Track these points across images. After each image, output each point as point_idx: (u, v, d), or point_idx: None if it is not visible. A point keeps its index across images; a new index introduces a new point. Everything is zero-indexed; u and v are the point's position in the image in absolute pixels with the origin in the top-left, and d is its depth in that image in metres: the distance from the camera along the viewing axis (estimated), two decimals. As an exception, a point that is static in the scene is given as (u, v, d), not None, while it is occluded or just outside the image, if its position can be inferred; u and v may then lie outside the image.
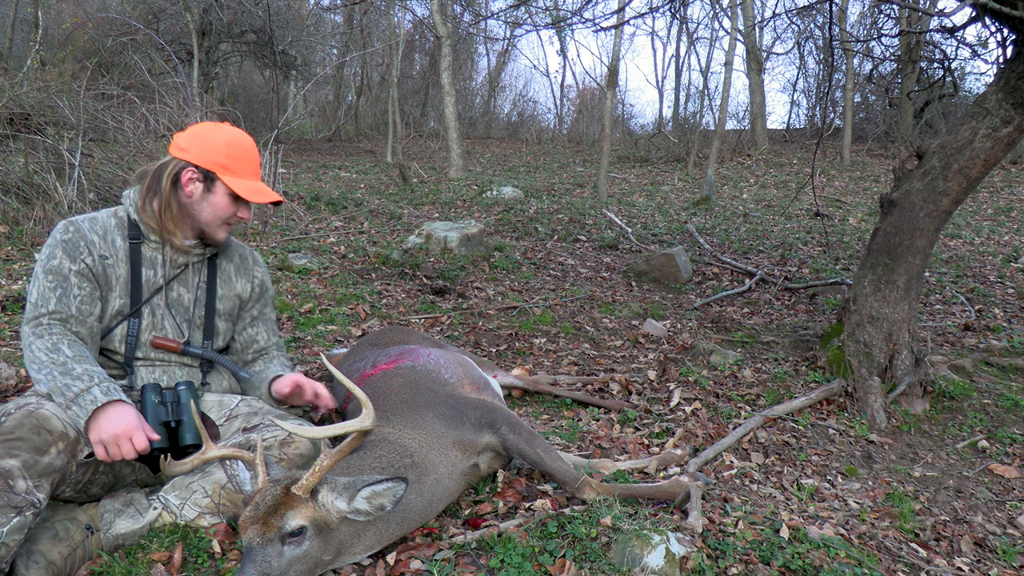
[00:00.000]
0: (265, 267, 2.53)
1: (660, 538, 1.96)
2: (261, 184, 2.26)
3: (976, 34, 24.11)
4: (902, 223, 3.59)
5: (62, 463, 1.85)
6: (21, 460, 1.77)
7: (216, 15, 12.66)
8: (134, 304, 2.18)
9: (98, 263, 2.13)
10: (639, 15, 4.79)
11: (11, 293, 4.23)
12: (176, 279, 2.25)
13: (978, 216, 9.96)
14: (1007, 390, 3.75)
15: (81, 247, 2.11)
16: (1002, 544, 2.44)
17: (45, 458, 1.81)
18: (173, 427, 2.10)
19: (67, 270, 2.09)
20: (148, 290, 2.20)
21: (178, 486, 2.05)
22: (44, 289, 2.07)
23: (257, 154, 2.28)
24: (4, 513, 1.72)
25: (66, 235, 2.12)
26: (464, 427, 2.34)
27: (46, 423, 1.85)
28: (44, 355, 1.98)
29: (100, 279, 2.13)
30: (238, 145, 2.22)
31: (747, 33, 17.07)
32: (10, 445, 1.78)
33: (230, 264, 2.40)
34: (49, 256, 2.10)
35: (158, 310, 2.21)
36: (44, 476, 1.81)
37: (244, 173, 2.21)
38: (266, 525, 1.75)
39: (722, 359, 4.02)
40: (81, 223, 2.15)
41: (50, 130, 6.19)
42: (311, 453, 2.15)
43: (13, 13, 11.03)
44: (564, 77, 37.51)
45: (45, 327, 2.04)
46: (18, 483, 1.76)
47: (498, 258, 6.39)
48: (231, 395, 2.35)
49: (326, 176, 12.91)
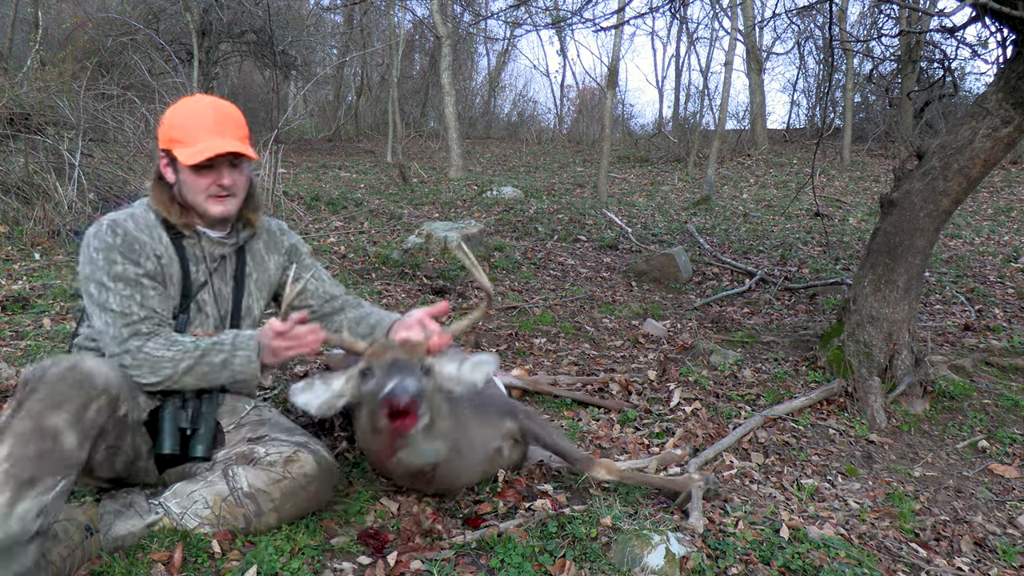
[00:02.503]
0: (293, 233, 2.45)
1: (660, 538, 1.96)
2: (214, 140, 2.03)
3: (976, 34, 24.11)
4: (902, 223, 3.59)
5: (103, 420, 1.83)
6: (67, 417, 1.73)
7: (216, 15, 12.65)
8: (184, 302, 2.13)
9: (156, 263, 2.06)
10: (639, 15, 4.80)
11: (11, 293, 4.23)
12: (215, 273, 2.20)
13: (978, 216, 9.96)
14: (1007, 390, 3.75)
15: (136, 249, 2.02)
16: (1002, 544, 2.44)
17: (88, 413, 1.78)
18: (188, 434, 2.09)
19: (135, 274, 2.00)
20: (195, 287, 2.16)
21: (179, 493, 2.03)
22: (121, 299, 1.97)
23: (212, 110, 2.07)
24: (53, 474, 1.68)
25: (115, 238, 2.00)
26: (490, 412, 2.47)
27: (89, 378, 1.81)
28: (167, 351, 1.96)
29: (160, 279, 2.06)
30: (183, 111, 2.06)
31: (747, 33, 17.07)
32: (56, 399, 1.73)
33: (259, 243, 2.32)
34: (108, 262, 1.98)
35: (204, 306, 2.17)
36: (87, 433, 1.78)
37: (193, 138, 2.02)
38: (413, 352, 2.00)
39: (722, 359, 4.02)
40: (125, 223, 2.04)
41: (50, 130, 6.18)
42: (315, 473, 2.11)
43: (13, 13, 11.02)
44: (564, 77, 37.59)
45: (145, 334, 1.97)
46: (66, 439, 1.72)
47: (498, 258, 6.39)
48: (245, 400, 2.32)
49: (326, 176, 12.91)
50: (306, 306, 2.32)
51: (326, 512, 2.20)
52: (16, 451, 1.67)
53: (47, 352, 3.42)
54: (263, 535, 2.03)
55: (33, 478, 1.67)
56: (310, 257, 2.46)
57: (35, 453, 1.68)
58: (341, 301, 2.41)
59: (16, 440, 1.68)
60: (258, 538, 2.01)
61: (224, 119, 2.08)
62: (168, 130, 2.06)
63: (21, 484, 1.65)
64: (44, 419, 1.71)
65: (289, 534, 2.05)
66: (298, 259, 2.40)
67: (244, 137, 2.12)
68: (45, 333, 3.72)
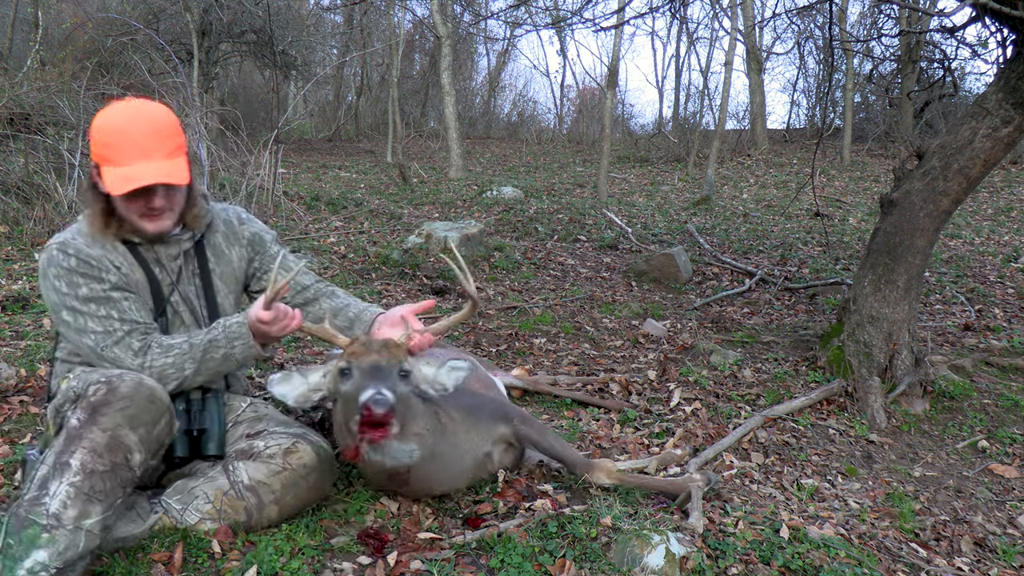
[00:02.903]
0: (255, 221, 2.37)
1: (660, 538, 1.96)
2: (140, 166, 1.89)
3: (976, 34, 24.10)
4: (902, 223, 3.59)
5: (165, 436, 1.88)
6: (140, 435, 1.77)
7: (216, 15, 12.65)
8: (158, 306, 2.12)
9: (118, 273, 2.02)
10: (639, 15, 4.80)
11: (11, 293, 4.23)
12: (180, 272, 2.18)
13: (978, 216, 9.96)
14: (1007, 390, 3.75)
15: (94, 265, 1.97)
16: (1002, 544, 2.44)
17: (155, 431, 1.82)
18: (196, 435, 2.10)
19: (102, 291, 1.96)
20: (166, 289, 2.14)
21: (180, 490, 2.04)
22: (99, 320, 1.95)
23: (141, 125, 1.91)
24: (116, 491, 1.71)
25: (69, 260, 1.95)
26: (482, 417, 2.45)
27: (156, 394, 1.85)
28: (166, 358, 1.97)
29: (128, 287, 2.04)
30: (111, 126, 1.91)
31: (747, 33, 17.06)
32: (131, 417, 1.77)
33: (218, 236, 2.25)
34: (72, 286, 1.94)
35: (178, 307, 2.16)
36: (151, 451, 1.82)
37: (120, 159, 1.89)
38: (391, 355, 2.00)
39: (722, 359, 4.02)
40: (75, 242, 1.99)
41: (50, 130, 6.19)
42: (314, 463, 2.12)
43: (13, 13, 11.02)
44: (564, 77, 37.53)
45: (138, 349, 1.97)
46: (135, 457, 1.76)
47: (498, 258, 6.39)
48: (241, 397, 2.32)
49: (326, 176, 12.90)
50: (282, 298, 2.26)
51: (326, 512, 2.20)
52: (89, 465, 1.70)
53: (47, 352, 3.42)
54: (263, 535, 2.03)
55: (103, 493, 1.70)
56: (276, 244, 2.38)
57: (107, 468, 1.72)
58: (314, 290, 2.36)
59: (89, 454, 1.71)
60: (258, 538, 2.01)
61: (153, 135, 1.92)
62: (97, 144, 1.93)
63: (91, 499, 1.68)
64: (119, 435, 1.75)
65: (289, 534, 2.05)
66: (262, 249, 2.33)
67: (176, 149, 1.97)
68: (45, 333, 3.72)
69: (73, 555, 1.64)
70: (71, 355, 2.13)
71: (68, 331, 2.00)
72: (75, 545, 1.64)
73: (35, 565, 1.59)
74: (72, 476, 1.67)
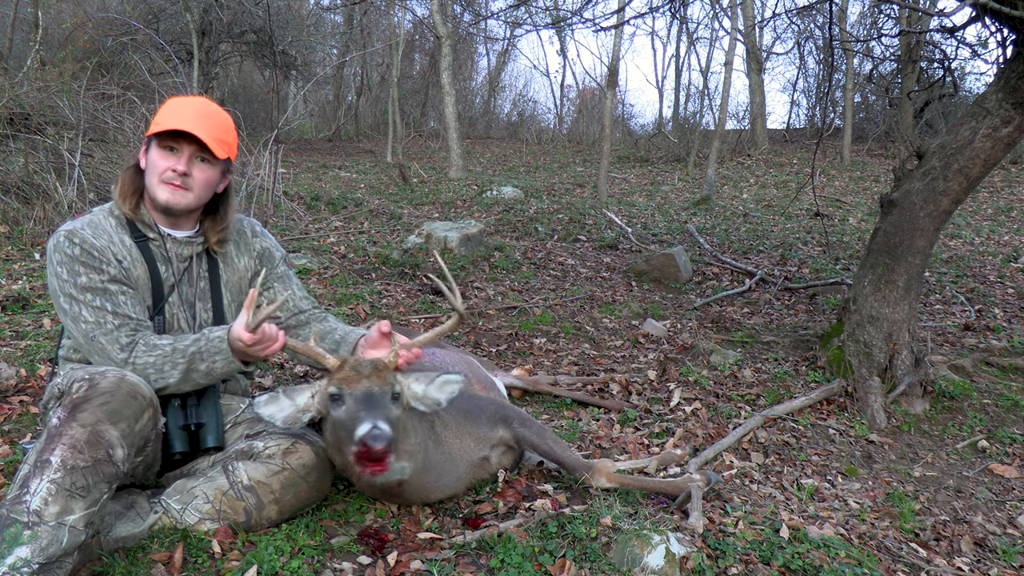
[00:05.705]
0: (268, 236, 2.42)
1: (660, 538, 1.96)
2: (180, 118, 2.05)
3: (976, 34, 24.11)
4: (902, 223, 3.59)
5: (148, 432, 1.88)
6: (121, 429, 1.77)
7: (216, 15, 12.65)
8: (156, 303, 2.13)
9: (119, 267, 2.04)
10: (639, 15, 4.80)
11: (11, 293, 4.23)
12: (185, 273, 2.20)
13: (978, 216, 9.96)
14: (1007, 390, 3.75)
15: (96, 256, 2.00)
16: (1002, 544, 2.44)
17: (138, 426, 1.82)
18: (194, 430, 2.10)
19: (100, 282, 1.99)
20: (166, 288, 2.15)
21: (179, 490, 2.04)
22: (93, 309, 1.97)
23: (200, 106, 2.11)
24: (98, 487, 1.71)
25: (74, 248, 1.99)
26: (480, 421, 2.44)
27: (137, 389, 1.85)
28: (151, 358, 1.97)
29: (126, 281, 2.05)
30: (174, 102, 2.11)
31: (747, 33, 17.06)
32: (112, 412, 1.76)
33: (229, 245, 2.30)
34: (72, 274, 1.98)
35: (175, 307, 2.17)
36: (134, 446, 1.82)
37: (170, 121, 2.04)
38: (381, 380, 1.98)
39: (722, 359, 4.02)
40: (82, 231, 2.03)
41: (50, 130, 6.18)
42: (314, 463, 2.13)
43: (13, 13, 11.01)
44: (564, 77, 37.46)
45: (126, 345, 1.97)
46: (117, 452, 1.75)
47: (498, 258, 6.39)
48: (240, 399, 2.33)
49: (326, 176, 12.90)
50: (274, 318, 2.29)
51: (326, 512, 2.20)
52: (69, 461, 1.69)
53: (47, 352, 3.42)
54: (263, 534, 2.03)
55: (84, 489, 1.69)
56: (284, 264, 2.42)
57: (88, 464, 1.71)
58: (308, 315, 2.40)
59: (69, 450, 1.71)
60: (258, 538, 2.01)
61: (207, 116, 2.09)
62: (155, 118, 2.10)
63: (72, 495, 1.68)
64: (100, 430, 1.74)
65: (289, 534, 2.05)
66: (271, 265, 2.36)
67: (222, 141, 2.10)
68: (45, 333, 3.72)
69: (56, 551, 1.64)
70: (72, 351, 2.14)
71: (64, 317, 2.03)
72: (58, 541, 1.64)
73: (17, 561, 1.60)
74: (52, 473, 1.67)
